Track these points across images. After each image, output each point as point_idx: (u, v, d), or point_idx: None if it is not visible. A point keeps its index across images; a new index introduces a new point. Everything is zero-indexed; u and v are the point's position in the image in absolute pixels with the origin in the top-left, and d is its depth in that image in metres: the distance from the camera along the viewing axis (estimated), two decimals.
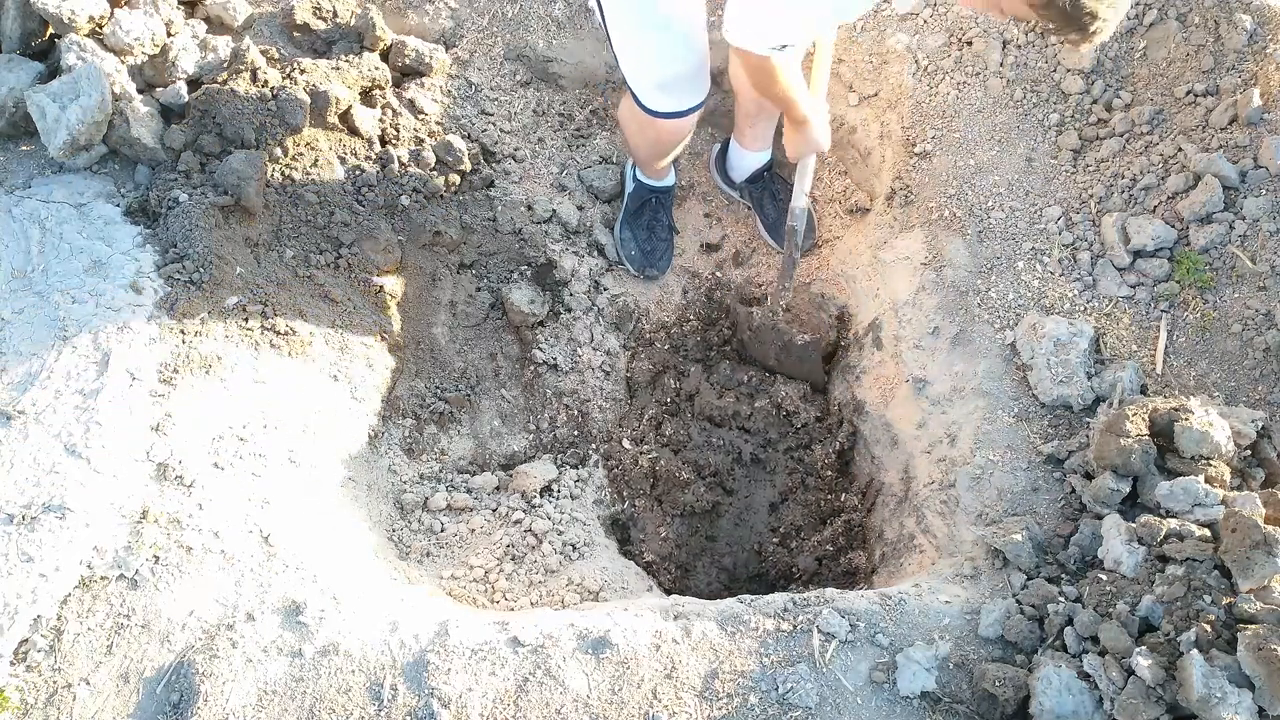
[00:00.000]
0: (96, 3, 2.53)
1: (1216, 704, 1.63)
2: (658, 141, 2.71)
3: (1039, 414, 2.37)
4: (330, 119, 2.64)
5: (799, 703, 1.84)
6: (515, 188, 2.93)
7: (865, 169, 3.12)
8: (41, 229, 2.33)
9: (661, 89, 2.45)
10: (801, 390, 2.96)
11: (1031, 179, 2.67)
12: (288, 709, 1.80)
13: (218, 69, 2.63)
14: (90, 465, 2.01)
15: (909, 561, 2.41)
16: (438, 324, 2.81)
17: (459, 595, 2.27)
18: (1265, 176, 2.38)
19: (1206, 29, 2.58)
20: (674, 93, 2.47)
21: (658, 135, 2.67)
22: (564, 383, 2.85)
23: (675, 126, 2.60)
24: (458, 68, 3.01)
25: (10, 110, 2.45)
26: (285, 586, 1.96)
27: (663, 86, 2.45)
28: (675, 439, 2.87)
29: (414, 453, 2.67)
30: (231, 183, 2.43)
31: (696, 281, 3.16)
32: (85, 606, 1.87)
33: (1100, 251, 2.53)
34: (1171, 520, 1.94)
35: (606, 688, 1.86)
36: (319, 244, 2.60)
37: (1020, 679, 1.84)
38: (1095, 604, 1.89)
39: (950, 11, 2.93)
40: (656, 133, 2.65)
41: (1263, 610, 1.72)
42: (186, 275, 2.33)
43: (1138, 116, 2.61)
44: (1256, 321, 2.31)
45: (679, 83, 2.46)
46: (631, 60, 2.40)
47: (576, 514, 2.57)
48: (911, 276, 2.74)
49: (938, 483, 2.42)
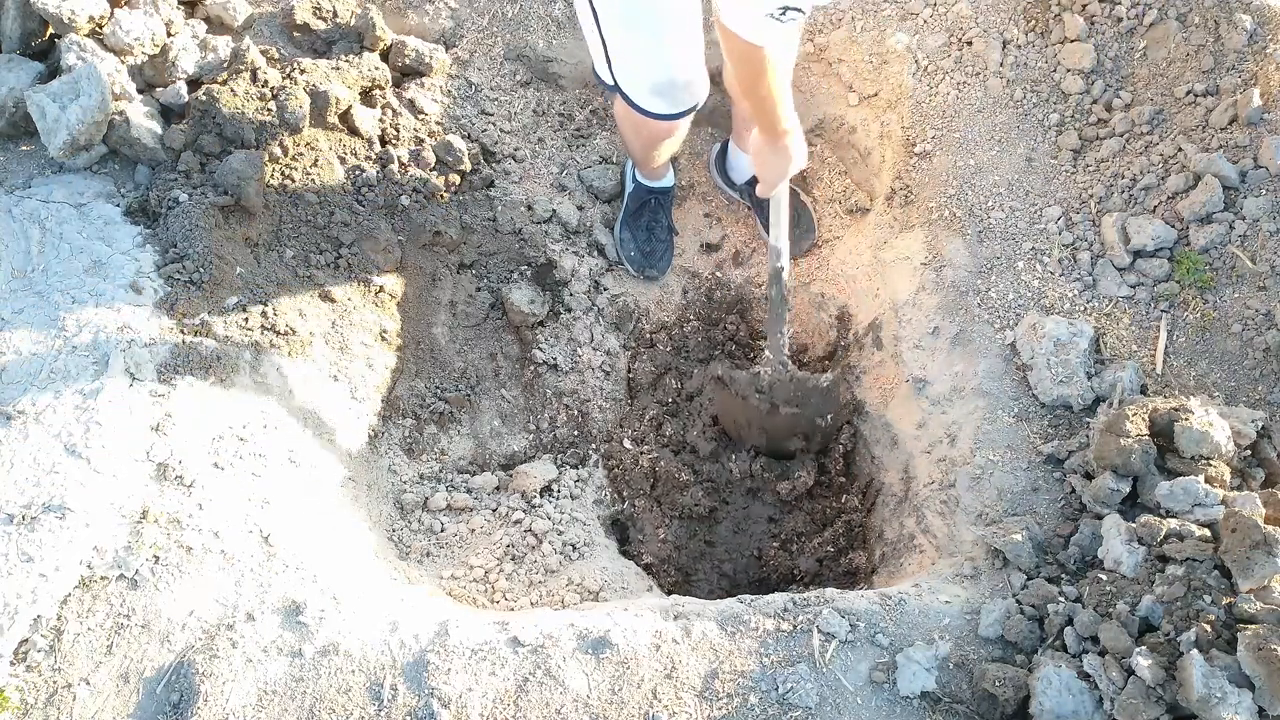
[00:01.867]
0: (96, 3, 2.53)
1: (1216, 704, 1.63)
2: (652, 140, 2.66)
3: (1039, 414, 2.37)
4: (330, 119, 2.64)
5: (799, 703, 1.84)
6: (515, 188, 2.93)
7: (865, 169, 3.12)
8: (41, 229, 2.33)
9: (656, 93, 2.39)
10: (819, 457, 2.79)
11: (1031, 179, 2.67)
12: (288, 709, 1.80)
13: (218, 69, 2.63)
14: (90, 465, 2.01)
15: (909, 561, 2.41)
16: (438, 324, 2.81)
17: (459, 595, 2.27)
18: (1265, 176, 2.38)
19: (1206, 29, 2.58)
20: (668, 95, 2.41)
21: (652, 134, 2.62)
22: (564, 383, 2.85)
23: (669, 127, 2.55)
24: (458, 68, 3.01)
25: (10, 110, 2.45)
26: (285, 586, 1.96)
27: (657, 90, 2.38)
28: (675, 441, 2.87)
29: (414, 453, 2.67)
30: (231, 183, 2.43)
31: (697, 281, 3.16)
32: (85, 606, 1.87)
33: (1100, 251, 2.53)
34: (1171, 520, 1.94)
35: (606, 688, 1.86)
36: (319, 244, 2.60)
37: (1020, 679, 1.84)
38: (1095, 604, 1.88)
39: (950, 11, 2.93)
40: (651, 132, 2.60)
41: (1263, 610, 1.72)
42: (186, 275, 2.33)
43: (1138, 116, 2.61)
44: (1256, 321, 2.31)
45: (674, 87, 2.39)
46: (625, 63, 2.33)
47: (576, 514, 2.57)
48: (911, 276, 2.74)
49: (938, 483, 2.42)
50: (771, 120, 2.23)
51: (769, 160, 2.35)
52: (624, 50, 2.30)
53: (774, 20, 1.87)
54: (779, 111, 2.21)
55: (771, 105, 2.18)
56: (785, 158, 2.32)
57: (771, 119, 2.23)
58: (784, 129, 2.26)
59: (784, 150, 2.31)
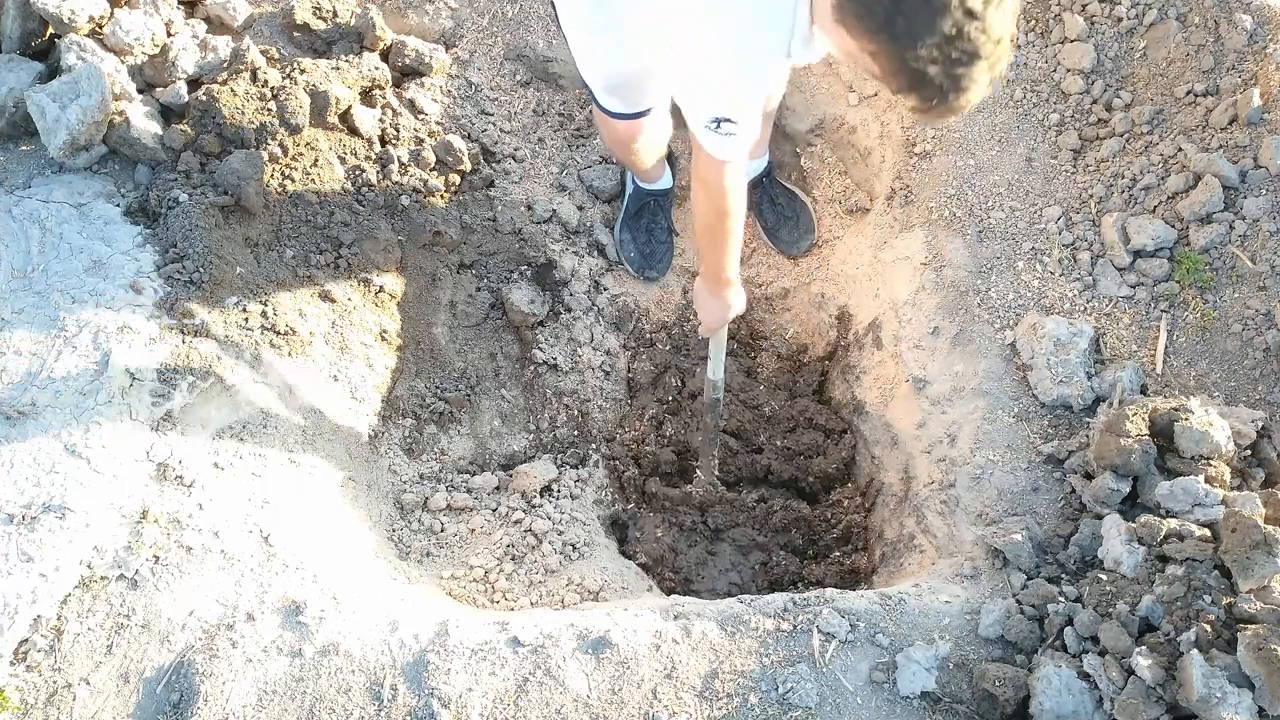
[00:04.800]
0: (96, 3, 2.53)
1: (1216, 704, 1.63)
2: (621, 141, 2.60)
3: (1039, 414, 2.37)
4: (330, 119, 2.63)
5: (799, 703, 1.84)
6: (515, 188, 2.93)
7: (865, 169, 3.12)
8: (41, 229, 2.33)
9: (610, 90, 2.36)
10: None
11: (1031, 179, 2.67)
12: (288, 709, 1.80)
13: (218, 69, 2.63)
14: (90, 465, 2.01)
15: (909, 561, 2.41)
16: (438, 324, 2.81)
17: (459, 595, 2.27)
18: (1265, 176, 2.38)
19: (1206, 29, 2.58)
20: (622, 94, 2.37)
21: (619, 135, 2.57)
22: (564, 383, 2.85)
23: (631, 127, 2.49)
24: (458, 68, 3.01)
25: (10, 110, 2.45)
26: (285, 586, 1.96)
27: (610, 88, 2.36)
28: (675, 440, 2.87)
29: (414, 453, 2.67)
30: (231, 183, 2.43)
31: None
32: (85, 606, 1.87)
33: (1100, 251, 2.53)
34: (1171, 520, 1.94)
35: (606, 688, 1.86)
36: (319, 244, 2.60)
37: (1020, 679, 1.84)
38: (1095, 604, 1.89)
39: None
40: (618, 133, 2.55)
41: (1263, 610, 1.72)
42: (186, 275, 2.33)
43: (1138, 116, 2.61)
44: (1256, 321, 2.31)
45: (625, 87, 2.36)
46: (583, 59, 2.31)
47: (576, 514, 2.57)
48: (911, 276, 2.74)
49: (938, 483, 2.42)
50: (717, 264, 2.22)
51: (709, 306, 2.36)
52: (582, 46, 2.29)
53: (710, 132, 1.86)
54: (726, 259, 2.20)
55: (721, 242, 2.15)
56: (724, 305, 2.33)
57: (718, 262, 2.21)
58: (727, 278, 2.26)
59: (724, 301, 2.32)
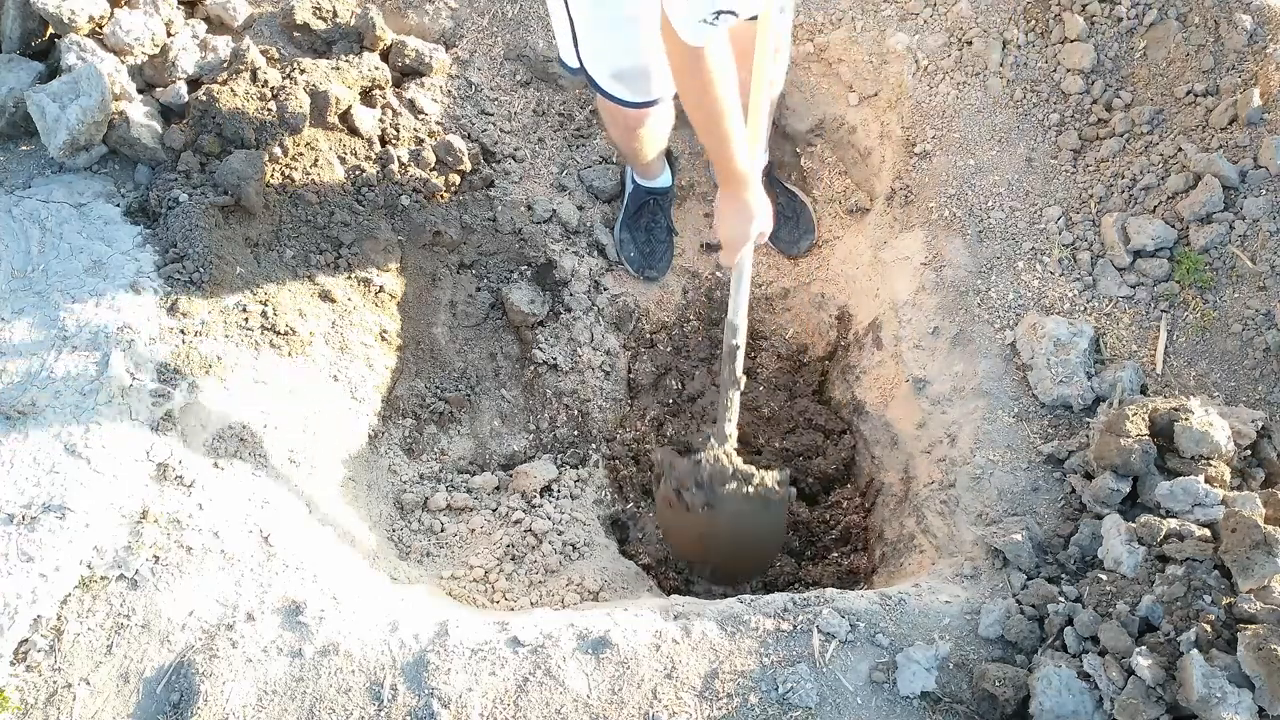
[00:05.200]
0: (96, 3, 2.53)
1: (1216, 704, 1.63)
2: (627, 130, 2.56)
3: (1039, 414, 2.37)
4: (330, 119, 2.64)
5: (799, 703, 1.84)
6: (515, 188, 2.93)
7: (865, 169, 3.12)
8: (41, 229, 2.33)
9: (617, 78, 2.32)
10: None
11: (1031, 179, 2.67)
12: (288, 709, 1.80)
13: (218, 69, 2.63)
14: (90, 465, 2.01)
15: (909, 561, 2.41)
16: (438, 324, 2.81)
17: (459, 595, 2.27)
18: (1265, 176, 2.38)
19: (1206, 29, 2.58)
20: (629, 82, 2.33)
21: (625, 123, 2.53)
22: (564, 383, 2.85)
23: (638, 115, 2.46)
24: (458, 68, 3.01)
25: (10, 110, 2.46)
26: (285, 586, 1.96)
27: (618, 75, 2.31)
28: (676, 441, 2.86)
29: (414, 453, 2.67)
30: (231, 183, 2.43)
31: (697, 281, 3.16)
32: (85, 606, 1.87)
33: (1100, 251, 2.53)
34: (1171, 520, 1.94)
35: (606, 688, 1.86)
36: (319, 244, 2.60)
37: (1020, 679, 1.84)
38: (1095, 604, 1.88)
39: (950, 11, 2.93)
40: (624, 121, 2.51)
41: (1263, 610, 1.72)
42: (186, 275, 2.33)
43: (1138, 116, 2.61)
44: (1256, 321, 2.31)
45: (635, 74, 2.31)
46: (591, 44, 2.25)
47: (576, 514, 2.57)
48: (911, 276, 2.74)
49: (938, 483, 2.42)
50: (725, 156, 1.97)
51: (729, 221, 2.09)
52: (590, 30, 2.23)
53: (707, 25, 1.76)
54: (733, 146, 1.94)
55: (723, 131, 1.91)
56: (746, 216, 2.05)
57: (725, 152, 1.96)
58: (740, 171, 2.00)
59: (744, 207, 2.05)
